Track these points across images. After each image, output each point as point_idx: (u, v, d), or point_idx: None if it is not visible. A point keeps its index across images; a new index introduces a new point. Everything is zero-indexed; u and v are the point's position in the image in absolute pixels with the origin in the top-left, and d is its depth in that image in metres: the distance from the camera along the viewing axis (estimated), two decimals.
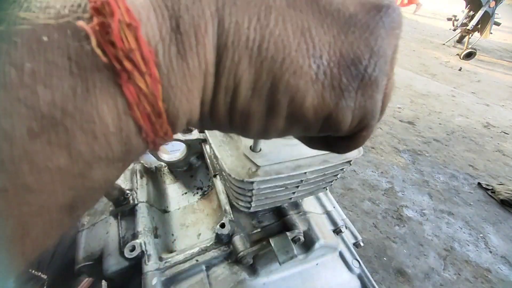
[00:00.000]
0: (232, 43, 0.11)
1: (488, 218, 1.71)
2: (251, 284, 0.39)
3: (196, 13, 0.10)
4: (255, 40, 0.11)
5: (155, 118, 0.11)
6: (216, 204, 0.47)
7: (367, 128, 0.14)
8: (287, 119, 0.13)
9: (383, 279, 1.30)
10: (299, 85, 0.12)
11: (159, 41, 0.10)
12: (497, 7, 4.02)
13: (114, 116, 0.10)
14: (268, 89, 0.12)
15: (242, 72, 0.11)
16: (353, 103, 0.12)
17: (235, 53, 0.11)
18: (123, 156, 0.11)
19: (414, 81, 3.35)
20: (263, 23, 0.11)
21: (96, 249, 0.42)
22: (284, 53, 0.11)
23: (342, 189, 1.73)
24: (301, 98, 0.12)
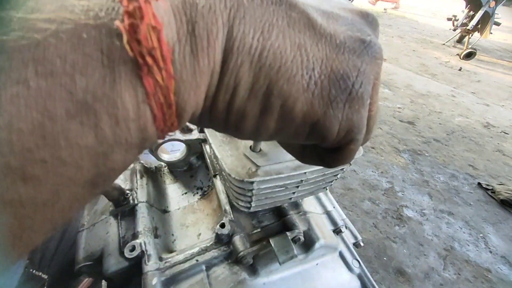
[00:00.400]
0: (237, 48, 0.13)
1: (488, 218, 1.71)
2: (251, 284, 0.39)
3: (210, 20, 0.12)
4: (257, 49, 0.13)
5: (166, 108, 0.12)
6: (216, 204, 0.47)
7: (353, 141, 0.15)
8: (277, 121, 0.14)
9: (383, 279, 1.30)
10: (292, 91, 0.13)
11: (176, 42, 0.12)
12: (497, 7, 4.02)
13: (134, 103, 0.11)
14: (263, 91, 0.14)
15: (243, 74, 0.13)
16: (340, 114, 0.14)
17: (239, 57, 0.13)
18: (139, 143, 0.12)
19: (414, 81, 3.35)
20: (265, 36, 0.13)
21: (96, 249, 0.42)
22: (281, 62, 0.13)
23: (342, 189, 1.73)
24: (292, 103, 0.14)
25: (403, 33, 5.22)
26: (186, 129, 0.51)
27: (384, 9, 7.07)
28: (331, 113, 0.14)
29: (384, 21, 5.89)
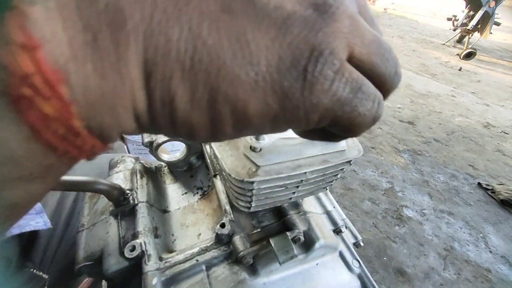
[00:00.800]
0: (162, 56, 0.10)
1: (488, 218, 1.71)
2: (251, 284, 0.39)
3: (118, 25, 0.09)
4: (186, 52, 0.10)
5: (73, 137, 0.10)
6: (216, 204, 0.47)
7: (350, 117, 0.13)
8: (233, 126, 0.12)
9: (383, 279, 1.30)
10: (239, 94, 0.11)
11: (70, 59, 0.09)
12: (497, 7, 4.02)
13: (20, 141, 0.09)
14: (207, 101, 0.11)
15: (176, 87, 0.11)
16: (301, 103, 0.12)
17: (166, 67, 0.10)
18: (42, 173, 0.11)
19: (414, 81, 3.35)
20: (195, 32, 0.10)
21: (96, 249, 0.42)
22: (219, 64, 0.11)
23: (342, 189, 1.73)
24: (243, 106, 0.12)
25: (403, 33, 5.22)
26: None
27: (384, 9, 7.07)
28: (289, 105, 0.12)
29: (384, 21, 5.88)
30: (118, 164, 0.54)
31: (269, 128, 0.13)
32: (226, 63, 0.11)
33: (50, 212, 0.61)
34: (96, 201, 0.50)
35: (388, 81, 0.14)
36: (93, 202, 0.49)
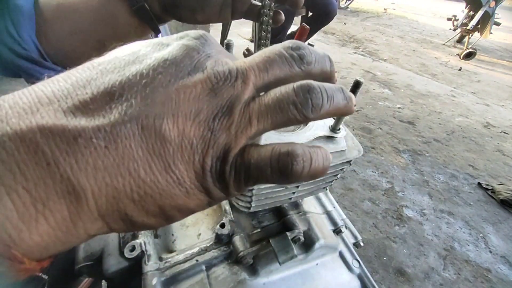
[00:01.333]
0: (114, 198, 0.14)
1: (488, 218, 1.71)
2: (251, 284, 0.39)
3: (67, 191, 0.13)
4: (132, 190, 0.14)
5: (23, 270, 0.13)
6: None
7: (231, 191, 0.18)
8: (183, 216, 0.17)
9: (383, 279, 1.30)
10: (179, 202, 0.16)
11: (23, 230, 0.12)
12: (497, 7, 4.02)
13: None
14: (158, 212, 0.16)
15: (131, 212, 0.15)
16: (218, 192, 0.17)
17: (119, 204, 0.14)
18: (18, 277, 0.13)
19: (414, 81, 3.35)
20: (134, 176, 0.14)
21: (96, 249, 0.42)
22: (159, 190, 0.15)
23: (342, 189, 1.73)
24: (185, 206, 0.16)
25: (403, 33, 5.22)
26: None
27: (384, 9, 7.07)
28: (214, 195, 0.17)
29: (384, 21, 5.89)
30: None
31: (209, 207, 0.19)
32: (164, 188, 0.15)
33: None
34: None
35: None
36: None
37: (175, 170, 0.15)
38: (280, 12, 0.41)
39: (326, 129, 0.36)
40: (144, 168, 0.14)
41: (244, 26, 3.80)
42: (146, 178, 0.14)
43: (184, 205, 0.16)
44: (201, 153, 0.16)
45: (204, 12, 0.41)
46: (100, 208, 0.14)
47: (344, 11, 6.12)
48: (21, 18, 0.35)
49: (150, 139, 0.14)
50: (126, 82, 0.15)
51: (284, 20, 0.42)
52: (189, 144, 0.15)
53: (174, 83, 0.15)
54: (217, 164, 0.16)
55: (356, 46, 4.22)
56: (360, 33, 4.84)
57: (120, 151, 0.14)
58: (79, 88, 0.14)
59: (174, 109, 0.15)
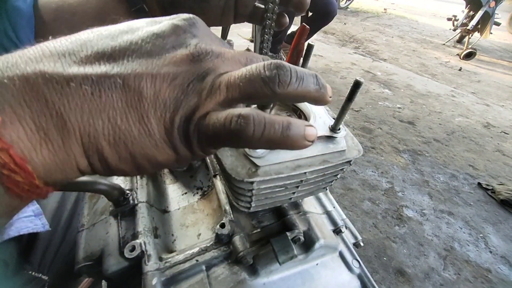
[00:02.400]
0: (94, 138, 0.16)
1: (488, 218, 1.71)
2: (251, 284, 0.39)
3: (60, 125, 0.15)
4: (109, 134, 0.17)
5: (34, 189, 0.15)
6: (216, 204, 0.47)
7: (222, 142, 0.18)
8: (152, 168, 0.19)
9: (383, 279, 1.30)
10: (148, 152, 0.18)
11: (32, 149, 0.15)
12: (497, 7, 4.02)
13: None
14: (129, 159, 0.18)
15: (106, 153, 0.17)
16: (186, 152, 0.19)
17: (98, 144, 0.16)
18: (8, 213, 0.16)
19: (414, 81, 3.35)
20: (112, 122, 0.16)
21: (96, 249, 0.42)
22: (132, 138, 0.17)
23: (342, 189, 1.73)
24: (154, 158, 0.18)
25: (403, 33, 5.22)
26: None
27: (384, 9, 7.07)
28: (181, 153, 0.19)
29: (384, 21, 5.88)
30: None
31: (177, 165, 0.20)
32: (136, 137, 0.17)
33: (51, 213, 0.61)
34: (96, 201, 0.50)
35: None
36: (93, 202, 0.49)
37: (147, 123, 0.17)
38: (284, 15, 0.40)
39: (326, 129, 0.36)
40: (121, 117, 0.17)
41: (244, 26, 3.80)
42: (122, 125, 0.17)
43: (153, 156, 0.18)
44: (172, 112, 0.18)
45: (205, 15, 0.41)
46: (84, 145, 0.16)
47: (344, 11, 6.12)
48: (20, 21, 0.35)
49: (129, 93, 0.17)
50: (117, 47, 0.18)
51: (288, 23, 0.41)
52: (163, 103, 0.17)
53: (159, 52, 0.18)
54: (185, 124, 0.18)
55: (356, 46, 4.22)
56: (360, 33, 4.84)
57: (103, 99, 0.16)
58: (77, 46, 0.17)
59: (154, 72, 0.17)
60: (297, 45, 0.40)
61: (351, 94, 0.31)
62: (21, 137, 0.14)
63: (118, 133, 0.17)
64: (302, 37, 0.39)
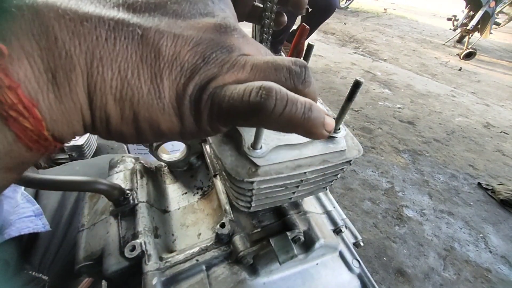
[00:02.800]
0: (100, 89, 0.15)
1: (488, 218, 1.71)
2: (251, 284, 0.39)
3: (68, 67, 0.14)
4: (117, 88, 0.15)
5: (43, 141, 0.15)
6: (216, 204, 0.47)
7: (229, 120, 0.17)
8: (152, 135, 0.18)
9: (383, 279, 1.30)
10: (152, 116, 0.17)
11: (39, 92, 0.14)
12: (497, 7, 4.02)
13: (5, 143, 0.14)
14: (131, 119, 0.16)
15: (110, 109, 0.16)
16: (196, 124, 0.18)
17: (103, 96, 0.15)
18: (17, 166, 0.15)
19: (414, 81, 3.35)
20: (122, 75, 0.15)
21: (96, 249, 0.42)
22: (139, 96, 0.16)
23: (342, 189, 1.73)
24: (157, 124, 0.17)
25: (403, 33, 5.22)
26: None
27: (384, 9, 7.07)
28: (187, 124, 0.18)
29: (384, 21, 5.88)
30: (118, 164, 0.54)
31: (179, 138, 0.19)
32: (143, 96, 0.16)
33: (51, 213, 0.61)
34: (96, 201, 0.50)
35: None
36: (93, 202, 0.50)
37: (159, 83, 0.16)
38: (282, 14, 0.40)
39: None
40: (132, 71, 0.15)
41: (244, 26, 3.78)
42: (132, 80, 0.15)
43: (157, 121, 0.17)
44: (188, 78, 0.16)
45: None
46: (90, 94, 0.15)
47: (344, 11, 6.11)
48: None
49: (146, 48, 0.16)
50: (146, 2, 0.17)
51: (286, 22, 0.41)
52: (180, 66, 0.16)
53: (185, 15, 0.17)
54: (198, 92, 0.17)
55: (356, 46, 4.22)
56: (360, 33, 4.84)
57: (117, 48, 0.15)
58: None
59: (177, 32, 0.16)
60: (297, 45, 0.40)
61: (351, 94, 0.31)
62: (28, 77, 0.13)
63: (126, 88, 0.15)
64: (302, 37, 0.39)
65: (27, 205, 0.54)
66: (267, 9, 0.35)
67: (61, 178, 0.37)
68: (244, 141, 0.32)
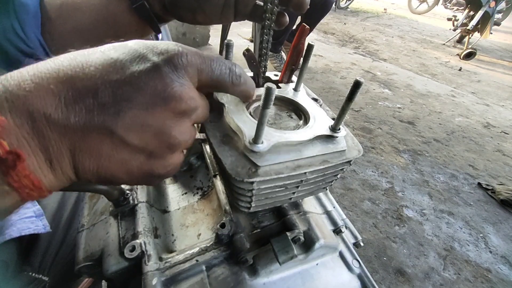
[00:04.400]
0: (82, 170, 0.22)
1: (488, 218, 1.71)
2: (251, 284, 0.39)
3: (60, 159, 0.20)
4: (93, 169, 0.22)
5: (38, 194, 0.20)
6: (216, 204, 0.47)
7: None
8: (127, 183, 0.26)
9: (383, 279, 1.30)
10: (125, 180, 0.25)
11: (42, 175, 0.20)
12: (497, 7, 4.02)
13: (13, 203, 0.20)
14: (109, 181, 0.24)
15: (91, 178, 0.23)
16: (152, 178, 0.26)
17: (85, 174, 0.22)
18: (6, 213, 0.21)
19: (414, 81, 3.35)
20: (97, 161, 0.22)
21: (96, 249, 0.42)
22: (112, 174, 0.23)
23: (342, 189, 1.73)
24: (128, 181, 0.25)
25: (403, 33, 5.22)
26: None
27: (384, 9, 7.07)
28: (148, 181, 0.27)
29: (384, 21, 5.89)
30: None
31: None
32: (115, 174, 0.23)
33: (51, 214, 0.61)
34: (96, 201, 0.50)
35: None
36: (93, 203, 0.49)
37: (126, 163, 0.23)
38: (284, 15, 0.40)
39: (326, 129, 0.36)
40: (104, 157, 0.22)
41: (244, 26, 3.80)
42: (105, 164, 0.22)
43: (127, 181, 0.25)
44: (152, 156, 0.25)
45: (204, 13, 0.40)
46: (75, 171, 0.22)
47: (344, 11, 6.12)
48: (27, 17, 0.35)
49: (113, 137, 0.22)
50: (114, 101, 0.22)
51: (288, 23, 0.41)
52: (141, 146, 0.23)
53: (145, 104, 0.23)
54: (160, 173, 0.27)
55: (356, 46, 4.22)
56: (360, 33, 4.84)
57: (92, 143, 0.21)
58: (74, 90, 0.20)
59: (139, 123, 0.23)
60: (297, 45, 0.39)
61: (351, 94, 0.31)
62: (36, 166, 0.19)
63: (101, 169, 0.22)
64: (302, 37, 0.39)
65: (28, 206, 0.54)
66: (267, 11, 0.35)
67: None
68: (244, 135, 0.32)
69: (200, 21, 0.42)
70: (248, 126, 0.33)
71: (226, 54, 0.36)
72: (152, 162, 0.24)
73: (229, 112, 0.35)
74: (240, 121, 0.34)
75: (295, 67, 0.44)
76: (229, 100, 0.37)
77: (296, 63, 0.43)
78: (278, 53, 2.90)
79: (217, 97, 0.37)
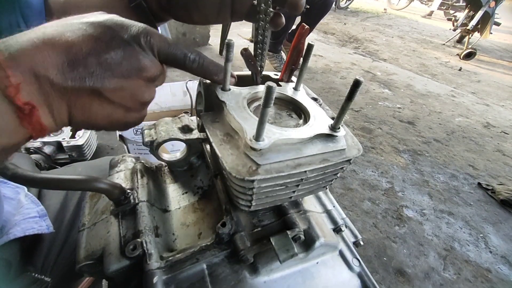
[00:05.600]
0: (75, 119, 0.28)
1: (488, 218, 1.71)
2: (252, 282, 0.39)
3: (59, 109, 0.26)
4: (84, 120, 0.29)
5: (43, 134, 0.26)
6: (217, 203, 0.47)
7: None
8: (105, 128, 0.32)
9: (383, 278, 1.30)
10: (105, 125, 0.31)
11: (46, 120, 0.26)
12: (497, 7, 4.02)
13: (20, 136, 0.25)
14: (94, 128, 0.31)
15: (81, 126, 0.30)
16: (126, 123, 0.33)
17: (77, 122, 0.29)
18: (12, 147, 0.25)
19: (414, 81, 3.36)
20: (86, 114, 0.28)
21: (97, 248, 0.42)
22: (98, 124, 0.30)
23: (342, 189, 1.73)
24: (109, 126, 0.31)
25: (403, 33, 5.22)
26: (186, 129, 0.52)
27: (384, 9, 7.07)
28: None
29: (384, 21, 5.89)
30: (119, 164, 0.54)
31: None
32: (99, 124, 0.30)
33: (54, 214, 0.61)
34: (97, 200, 0.50)
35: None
36: (94, 202, 0.50)
37: (108, 114, 0.30)
38: (280, 15, 0.40)
39: (326, 128, 0.36)
40: (92, 110, 0.28)
41: (244, 26, 3.80)
42: (92, 116, 0.29)
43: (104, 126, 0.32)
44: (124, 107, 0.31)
45: (200, 12, 0.41)
46: (70, 119, 0.28)
47: (344, 11, 6.12)
48: (31, 14, 0.36)
49: (96, 94, 0.28)
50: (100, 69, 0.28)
51: (284, 24, 0.41)
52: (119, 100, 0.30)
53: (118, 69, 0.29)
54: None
55: (356, 46, 4.22)
56: (360, 33, 4.84)
57: (83, 100, 0.27)
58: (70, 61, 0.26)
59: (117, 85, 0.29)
60: (297, 45, 0.40)
61: (351, 93, 0.31)
62: (42, 115, 0.25)
63: (89, 120, 0.29)
64: (302, 37, 0.39)
65: (32, 206, 0.54)
66: (261, 11, 0.35)
67: (62, 177, 0.37)
68: (245, 133, 0.32)
69: (197, 20, 0.43)
70: (249, 123, 0.33)
71: (226, 54, 0.36)
72: (128, 114, 0.31)
73: (230, 109, 0.35)
74: (241, 118, 0.34)
75: (295, 67, 0.44)
76: (230, 98, 0.37)
77: (296, 63, 0.43)
78: (278, 53, 2.90)
79: (218, 96, 0.37)
